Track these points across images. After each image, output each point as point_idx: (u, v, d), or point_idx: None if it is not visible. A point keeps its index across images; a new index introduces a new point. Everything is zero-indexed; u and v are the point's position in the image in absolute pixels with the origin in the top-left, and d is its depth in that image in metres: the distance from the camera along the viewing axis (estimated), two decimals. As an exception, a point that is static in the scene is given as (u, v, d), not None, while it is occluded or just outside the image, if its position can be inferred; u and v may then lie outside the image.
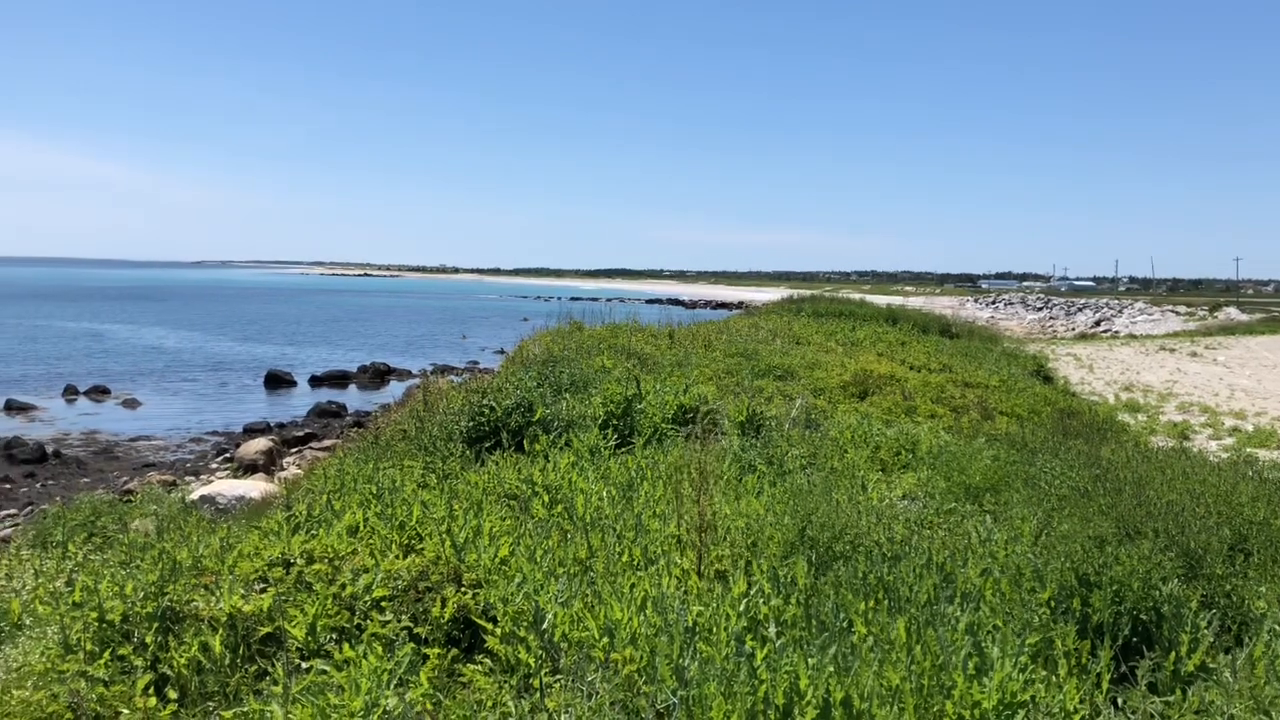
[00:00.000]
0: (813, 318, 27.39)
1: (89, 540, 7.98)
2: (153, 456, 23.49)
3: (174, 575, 5.17)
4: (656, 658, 4.17)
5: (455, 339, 62.82)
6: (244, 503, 9.83)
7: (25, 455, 22.21)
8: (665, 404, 10.20)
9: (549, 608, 4.70)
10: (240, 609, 4.77)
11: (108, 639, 4.71)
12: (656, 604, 4.75)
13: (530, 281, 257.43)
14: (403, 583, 5.07)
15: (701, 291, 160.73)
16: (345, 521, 6.10)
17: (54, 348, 48.57)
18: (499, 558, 5.49)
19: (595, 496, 6.98)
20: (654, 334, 19.91)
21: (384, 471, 8.02)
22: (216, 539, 6.00)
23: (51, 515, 9.61)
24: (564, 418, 9.77)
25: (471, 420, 9.38)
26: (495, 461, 8.49)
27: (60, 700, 4.18)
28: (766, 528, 6.13)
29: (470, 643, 4.80)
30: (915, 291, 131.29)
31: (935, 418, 12.33)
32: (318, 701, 3.96)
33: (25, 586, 6.11)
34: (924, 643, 4.34)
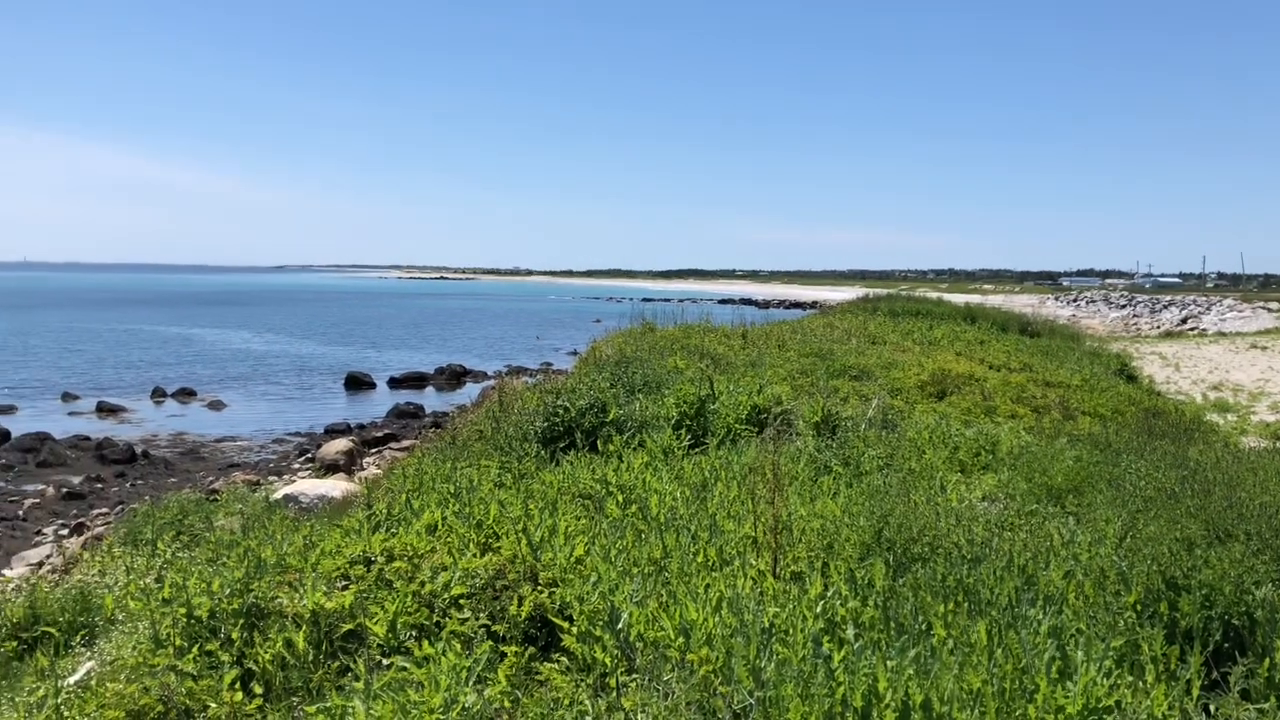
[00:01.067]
0: (889, 317, 27.07)
1: (177, 538, 8.22)
2: (237, 457, 24.09)
3: (259, 573, 5.29)
4: (733, 658, 4.16)
5: (529, 340, 63.34)
6: (325, 502, 10.03)
7: (116, 456, 22.94)
8: (739, 404, 10.16)
9: (624, 607, 4.72)
10: (323, 606, 4.87)
11: (196, 634, 4.84)
12: (732, 605, 4.73)
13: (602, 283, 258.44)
14: (480, 581, 5.12)
15: (775, 291, 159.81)
16: (424, 520, 6.18)
17: (143, 352, 50.06)
18: (574, 557, 5.52)
19: (669, 497, 6.99)
20: (727, 334, 19.86)
21: (461, 471, 8.12)
22: (299, 537, 6.14)
23: (141, 514, 9.90)
24: (637, 418, 9.79)
25: (546, 421, 9.45)
26: (570, 461, 8.54)
27: (151, 693, 4.31)
28: (843, 529, 6.07)
29: (547, 641, 4.84)
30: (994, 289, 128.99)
31: (1015, 418, 12.11)
32: (398, 698, 4.02)
33: (117, 583, 6.32)
34: (1005, 646, 4.26)
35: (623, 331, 20.09)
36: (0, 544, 16.24)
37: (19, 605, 5.99)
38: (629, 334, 19.37)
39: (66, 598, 6.02)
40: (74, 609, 5.91)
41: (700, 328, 20.45)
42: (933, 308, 29.68)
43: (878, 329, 22.94)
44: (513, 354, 52.16)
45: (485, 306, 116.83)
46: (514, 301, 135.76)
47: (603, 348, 17.35)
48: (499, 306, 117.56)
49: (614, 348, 16.59)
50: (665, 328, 20.47)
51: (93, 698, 4.36)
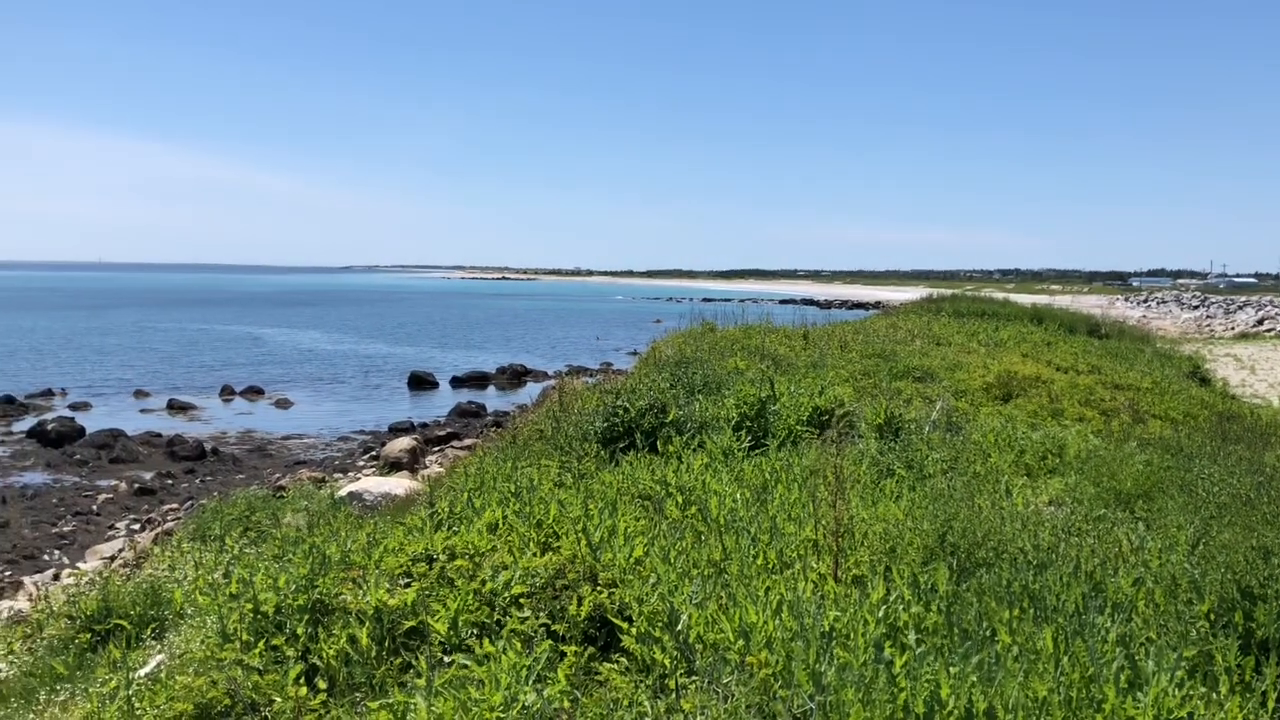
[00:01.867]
0: (953, 317, 26.71)
1: (244, 534, 8.37)
2: (303, 454, 24.48)
3: (323, 569, 5.37)
4: (793, 662, 4.13)
5: (589, 340, 63.55)
6: (389, 499, 10.14)
7: (185, 452, 23.45)
8: (800, 406, 10.09)
9: (684, 609, 4.71)
10: (386, 603, 4.93)
11: (262, 629, 4.92)
12: (792, 608, 4.70)
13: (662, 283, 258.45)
14: (540, 580, 5.15)
15: (836, 291, 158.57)
16: (485, 519, 6.23)
17: (213, 351, 51.13)
18: (634, 558, 5.53)
19: (729, 498, 6.96)
20: (788, 335, 19.74)
21: (522, 470, 8.16)
22: (363, 534, 6.22)
23: (210, 510, 10.10)
24: (697, 419, 9.77)
25: (606, 421, 9.47)
26: (629, 462, 8.55)
27: (219, 687, 4.40)
28: (905, 533, 6.00)
29: (606, 641, 4.84)
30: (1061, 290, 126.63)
31: (1083, 421, 11.88)
32: (459, 695, 4.05)
33: (186, 577, 6.45)
34: (1072, 654, 4.18)
35: (683, 332, 20.06)
36: (75, 538, 16.69)
37: (92, 598, 6.14)
38: (689, 334, 19.33)
39: (138, 591, 6.16)
40: (145, 603, 6.05)
41: (761, 328, 20.35)
42: (998, 308, 29.22)
43: (942, 330, 22.65)
44: (573, 354, 52.37)
45: (546, 306, 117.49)
46: (574, 302, 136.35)
47: (663, 348, 17.34)
48: (560, 306, 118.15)
49: (674, 348, 16.57)
50: (726, 328, 20.40)
51: (162, 690, 4.46)
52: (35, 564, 15.18)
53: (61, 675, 5.42)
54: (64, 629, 6.09)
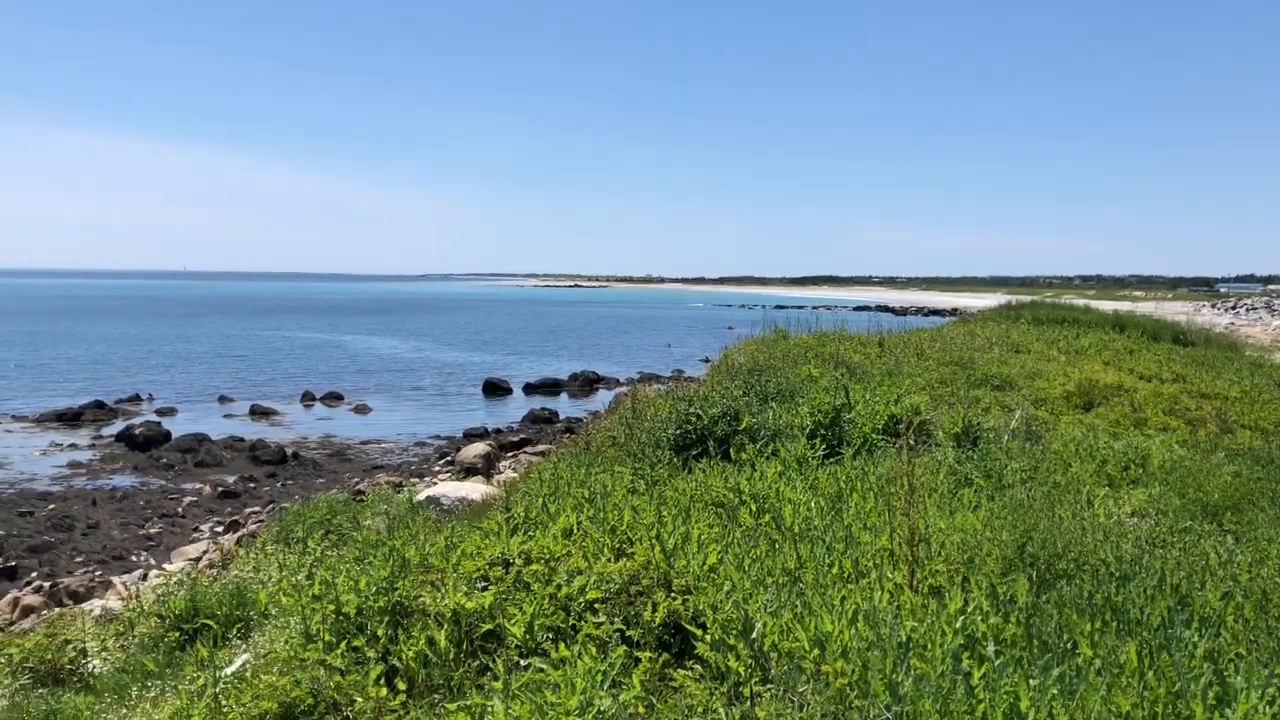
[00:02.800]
0: (1032, 325, 26.22)
1: (326, 537, 8.55)
2: (381, 459, 24.89)
3: (403, 572, 5.46)
4: (869, 672, 4.11)
5: (661, 347, 63.61)
6: (465, 504, 10.28)
7: (267, 457, 24.01)
8: (875, 414, 10.00)
9: (758, 617, 4.70)
10: (464, 606, 5.00)
11: (343, 630, 5.03)
12: (868, 617, 4.66)
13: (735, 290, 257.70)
14: (615, 586, 5.17)
15: (912, 298, 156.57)
16: (560, 524, 6.28)
17: (294, 358, 52.25)
18: (708, 565, 5.53)
19: (803, 507, 6.93)
20: (863, 342, 19.56)
21: (595, 477, 8.22)
22: (441, 538, 6.31)
23: (292, 513, 10.33)
24: (770, 427, 9.74)
25: (678, 428, 9.48)
26: (702, 469, 8.55)
27: (302, 686, 4.50)
28: (984, 543, 5.92)
29: (680, 648, 4.85)
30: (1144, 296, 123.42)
31: (1168, 430, 11.58)
32: (536, 699, 4.10)
33: (271, 579, 6.61)
34: (1158, 668, 4.09)
35: (755, 339, 20.00)
36: (161, 539, 17.18)
37: (181, 598, 6.33)
38: (762, 341, 19.27)
39: (224, 592, 6.33)
40: (231, 603, 6.22)
41: (835, 335, 20.20)
42: (1079, 315, 28.60)
43: (1021, 337, 22.25)
44: (644, 361, 52.47)
45: (618, 314, 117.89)
46: (646, 309, 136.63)
47: (735, 355, 17.30)
48: (632, 314, 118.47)
49: (746, 355, 16.53)
50: (799, 335, 20.29)
51: (248, 688, 4.58)
52: (124, 564, 15.66)
53: (152, 672, 5.59)
54: (154, 627, 6.28)
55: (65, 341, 61.18)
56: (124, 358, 50.50)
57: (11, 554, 15.85)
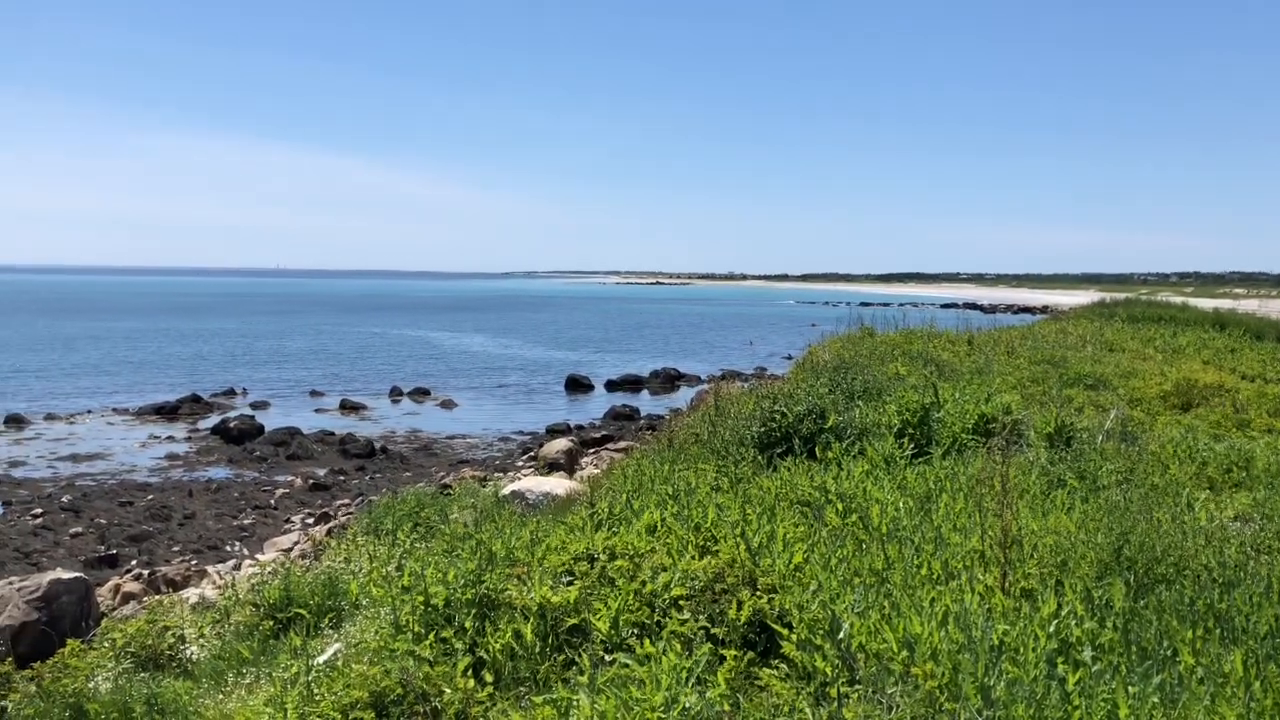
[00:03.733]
0: (1127, 323, 25.52)
1: (414, 529, 8.69)
2: (466, 454, 25.23)
3: (490, 565, 5.52)
4: (960, 675, 4.03)
5: (743, 345, 63.38)
6: (550, 499, 10.35)
7: (357, 450, 24.50)
8: (965, 413, 9.82)
9: (845, 617, 4.64)
10: (549, 600, 5.03)
11: (432, 622, 5.09)
12: (959, 619, 4.58)
13: (818, 287, 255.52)
14: (699, 583, 5.16)
15: (1001, 295, 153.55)
16: (644, 521, 6.29)
17: (383, 353, 53.30)
18: (793, 564, 5.48)
19: (891, 507, 6.83)
20: (951, 339, 19.23)
21: (679, 474, 8.21)
22: (527, 532, 6.36)
23: (382, 505, 10.52)
24: (857, 425, 9.62)
25: (763, 426, 9.42)
26: (787, 468, 8.48)
27: (392, 676, 4.56)
28: (1078, 546, 5.77)
29: (766, 647, 4.82)
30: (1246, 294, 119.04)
31: (1273, 432, 11.16)
32: (621, 694, 4.10)
33: (361, 570, 6.74)
34: (1265, 679, 3.94)
35: (840, 336, 19.81)
36: (254, 530, 17.64)
37: (275, 588, 6.48)
38: (847, 339, 19.07)
39: (316, 582, 6.47)
40: (323, 593, 6.35)
41: (923, 333, 19.90)
42: (1176, 313, 27.74)
43: (1115, 336, 21.67)
44: (726, 359, 52.32)
45: (699, 311, 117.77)
46: (728, 306, 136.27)
47: (820, 353, 17.15)
48: (713, 311, 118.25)
49: (832, 353, 16.37)
50: (885, 332, 20.04)
51: (339, 677, 4.66)
52: (218, 554, 16.12)
53: (247, 659, 5.74)
54: (249, 616, 6.45)
55: (163, 337, 63.28)
56: (220, 353, 52.04)
57: (113, 542, 16.43)
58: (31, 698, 5.52)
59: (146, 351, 52.32)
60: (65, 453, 24.26)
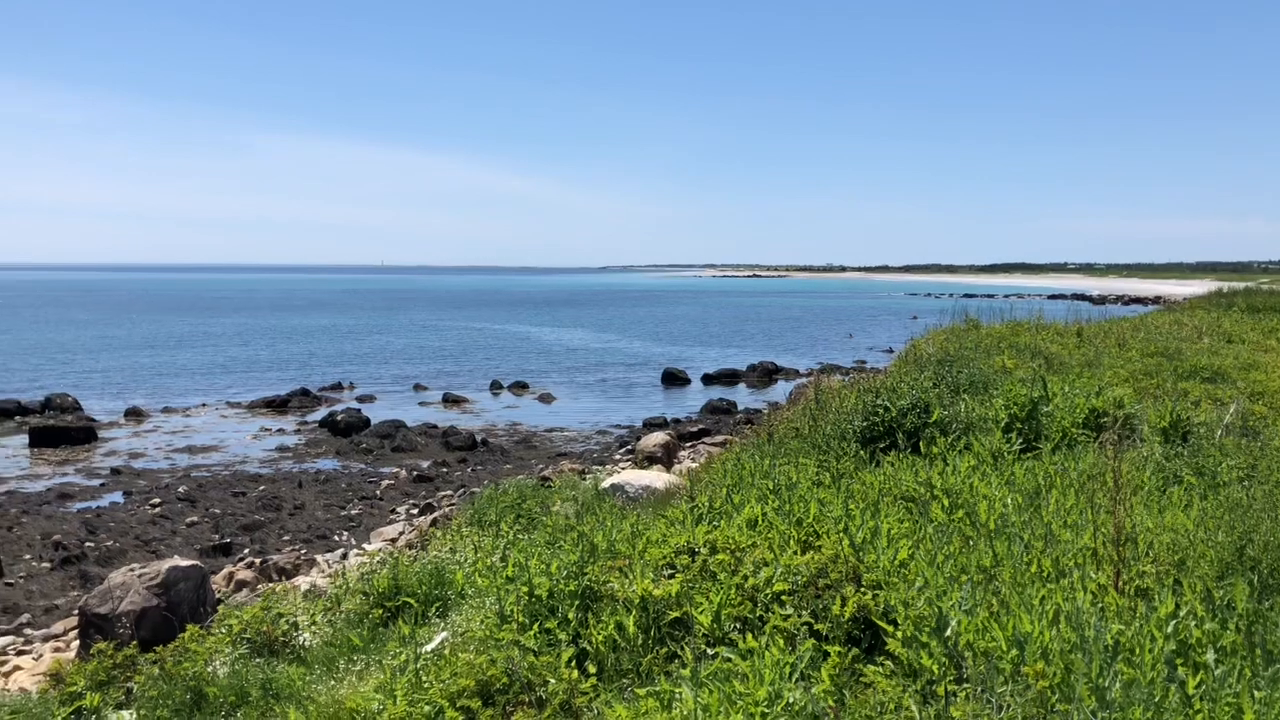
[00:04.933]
0: (1247, 313, 24.52)
1: (517, 520, 8.81)
2: (564, 446, 25.47)
3: (592, 557, 5.57)
4: (1072, 675, 3.92)
5: (842, 338, 62.68)
6: (649, 492, 10.39)
7: (459, 443, 24.93)
8: (1075, 407, 9.55)
9: (952, 614, 4.56)
10: (651, 593, 5.05)
11: (536, 612, 5.16)
12: (1070, 618, 4.46)
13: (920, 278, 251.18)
14: (802, 579, 5.12)
15: (1111, 286, 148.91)
16: (745, 515, 6.27)
17: (484, 348, 54.15)
18: (898, 560, 5.41)
19: (998, 502, 6.68)
20: (1059, 331, 18.72)
21: (780, 468, 8.15)
22: (627, 525, 6.40)
23: (485, 497, 10.69)
24: (962, 419, 9.43)
25: (865, 420, 9.30)
26: (890, 462, 8.36)
27: (498, 666, 4.64)
28: (1196, 544, 5.56)
29: (870, 644, 4.76)
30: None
31: (1407, 428, 10.60)
32: (724, 688, 4.10)
33: (466, 560, 6.85)
34: (1402, 687, 3.75)
35: (944, 329, 19.46)
36: (360, 520, 18.09)
37: (384, 576, 6.63)
38: (951, 331, 18.72)
39: (423, 572, 6.60)
40: (430, 582, 6.48)
41: (1030, 325, 19.42)
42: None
43: (1233, 326, 20.83)
44: (825, 352, 51.81)
45: (797, 304, 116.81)
46: (827, 298, 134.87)
47: (923, 345, 16.85)
48: (811, 304, 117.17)
49: (935, 345, 16.08)
50: (990, 325, 19.61)
51: (447, 665, 4.76)
52: (327, 543, 16.57)
53: (357, 646, 5.89)
54: (359, 604, 6.61)
55: (273, 333, 65.28)
56: (327, 348, 53.48)
57: (226, 532, 17.02)
58: (155, 680, 5.75)
59: (257, 347, 54.07)
60: (181, 445, 25.20)
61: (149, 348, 51.89)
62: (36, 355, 47.12)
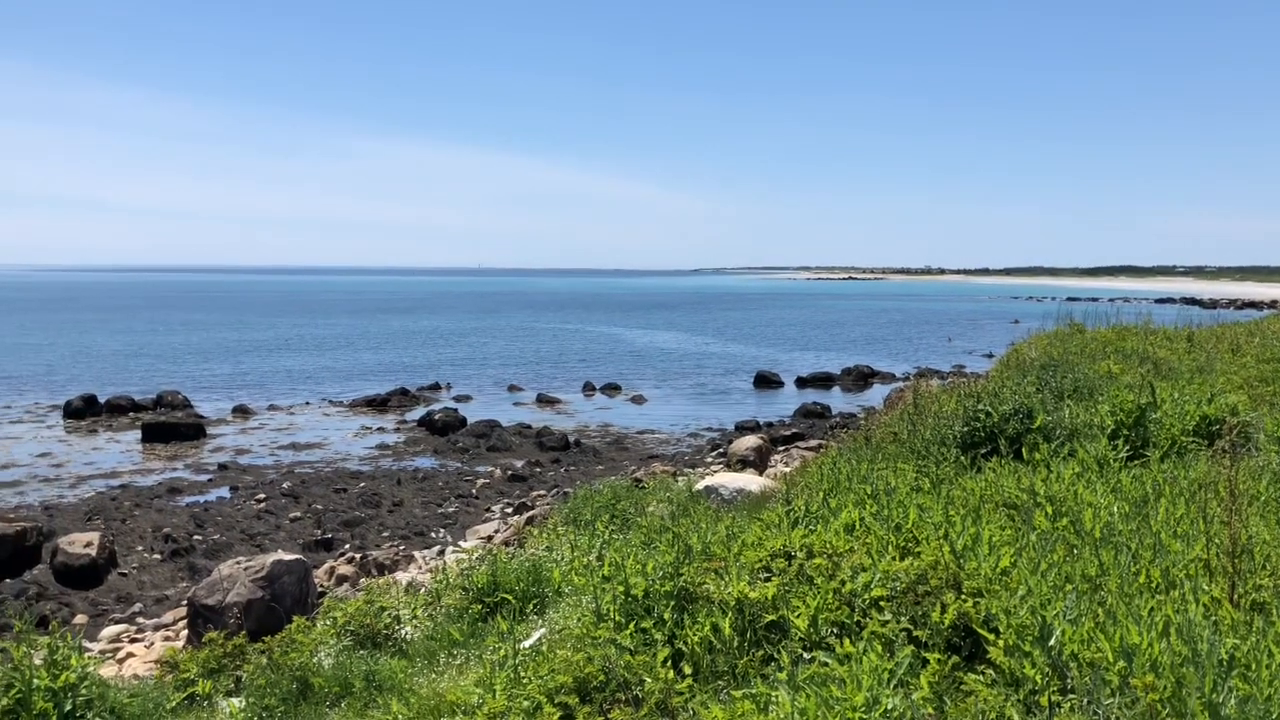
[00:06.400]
0: (1371, 317, 23.42)
1: (612, 521, 8.88)
2: (656, 448, 25.55)
3: (687, 558, 5.58)
4: (1183, 689, 3.81)
5: (940, 342, 61.65)
6: (743, 495, 10.36)
7: (552, 443, 25.20)
8: (1185, 414, 9.24)
9: (1056, 624, 4.46)
10: (747, 595, 5.04)
11: (632, 612, 5.19)
12: (1181, 631, 4.32)
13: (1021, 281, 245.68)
14: (901, 585, 5.06)
15: (1223, 289, 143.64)
16: (842, 519, 6.21)
17: (578, 350, 54.60)
18: (1000, 568, 5.31)
19: (1104, 511, 6.51)
20: (1168, 336, 18.13)
21: (877, 473, 8.06)
22: (722, 527, 6.40)
23: (579, 496, 10.79)
24: (1066, 426, 9.21)
25: (966, 425, 9.14)
26: (992, 469, 8.20)
27: (595, 664, 4.68)
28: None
29: (970, 652, 4.69)
30: None
31: None
32: (821, 692, 4.07)
33: (563, 558, 6.92)
34: None
35: (1047, 333, 19.01)
36: (457, 518, 18.41)
37: (483, 573, 6.75)
38: (1054, 335, 18.27)
39: (521, 569, 6.70)
40: (527, 579, 6.57)
41: (1136, 329, 18.85)
42: None
43: (1358, 331, 19.92)
44: (922, 356, 51.01)
45: (894, 307, 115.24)
46: (924, 301, 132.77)
47: (1025, 350, 16.49)
48: (908, 306, 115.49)
49: (1038, 350, 15.71)
50: (1095, 329, 19.09)
51: (545, 662, 4.82)
52: (424, 540, 16.90)
53: (457, 641, 6.00)
54: (459, 599, 6.74)
55: (376, 334, 66.80)
56: (426, 348, 54.52)
57: (328, 527, 17.48)
58: (263, 669, 5.94)
59: (359, 347, 55.42)
60: (285, 442, 25.95)
61: (258, 349, 53.56)
62: (151, 355, 49.05)
